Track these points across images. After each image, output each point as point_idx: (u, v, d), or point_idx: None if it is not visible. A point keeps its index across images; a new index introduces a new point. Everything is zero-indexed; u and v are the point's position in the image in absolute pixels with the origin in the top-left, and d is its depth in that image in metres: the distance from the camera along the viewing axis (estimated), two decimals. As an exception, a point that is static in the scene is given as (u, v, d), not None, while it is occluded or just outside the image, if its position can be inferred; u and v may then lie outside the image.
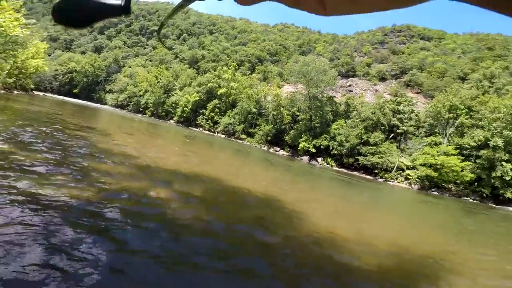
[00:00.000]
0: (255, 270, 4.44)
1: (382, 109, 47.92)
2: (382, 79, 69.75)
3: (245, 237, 5.81)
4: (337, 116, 51.19)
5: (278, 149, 51.66)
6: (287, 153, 50.45)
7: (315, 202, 12.08)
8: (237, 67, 79.59)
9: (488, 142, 37.34)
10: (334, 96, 57.17)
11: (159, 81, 78.45)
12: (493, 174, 36.25)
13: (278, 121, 52.42)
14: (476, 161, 38.36)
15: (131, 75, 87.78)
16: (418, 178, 40.51)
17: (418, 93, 59.30)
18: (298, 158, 47.73)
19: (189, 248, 4.59)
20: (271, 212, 8.16)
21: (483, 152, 37.58)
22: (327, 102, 51.55)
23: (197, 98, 66.00)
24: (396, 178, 42.67)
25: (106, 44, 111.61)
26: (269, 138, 52.06)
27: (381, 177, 43.01)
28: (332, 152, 46.92)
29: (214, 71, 71.97)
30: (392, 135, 46.90)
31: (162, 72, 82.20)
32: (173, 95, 74.21)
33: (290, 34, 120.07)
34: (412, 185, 41.04)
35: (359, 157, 45.10)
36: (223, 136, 57.99)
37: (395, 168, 42.79)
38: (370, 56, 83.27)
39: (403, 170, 42.82)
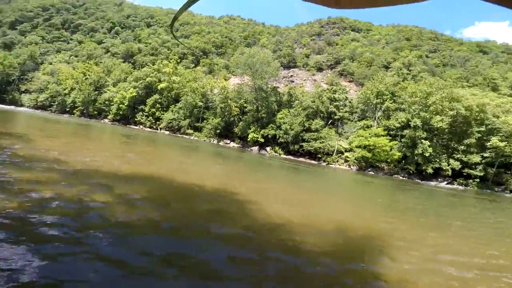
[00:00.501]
0: (211, 264, 4.25)
1: (320, 98, 51.06)
2: (320, 69, 74.31)
3: (199, 231, 5.58)
4: (281, 105, 53.00)
5: (228, 141, 51.42)
6: (238, 145, 50.57)
7: (266, 191, 12.24)
8: (179, 60, 75.89)
9: (409, 123, 42.88)
10: (278, 87, 58.93)
11: (87, 78, 70.24)
12: (416, 152, 41.75)
13: (226, 113, 51.98)
14: (401, 140, 43.73)
15: (53, 73, 76.77)
16: (355, 159, 44.44)
17: (350, 81, 64.83)
18: (249, 149, 48.28)
19: (136, 252, 4.16)
20: (225, 205, 8.03)
21: (406, 131, 43.04)
22: (271, 92, 52.89)
23: (134, 94, 61.11)
24: (337, 161, 46.18)
25: (18, 40, 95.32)
26: (218, 131, 51.38)
27: (324, 161, 46.10)
28: (279, 141, 48.60)
29: (153, 64, 67.37)
30: (330, 121, 50.51)
31: (90, 68, 73.73)
32: (105, 91, 67.33)
33: (236, 26, 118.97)
34: (351, 166, 44.94)
35: (303, 144, 47.61)
36: (167, 132, 54.99)
37: (335, 152, 46.25)
38: (309, 48, 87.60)
39: (342, 153, 46.55)
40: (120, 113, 62.03)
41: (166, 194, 8.16)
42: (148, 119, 59.52)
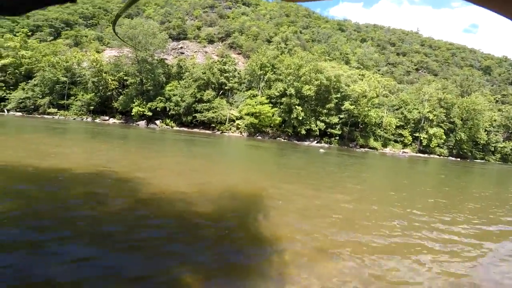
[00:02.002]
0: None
1: (211, 69, 51.82)
2: (211, 41, 74.33)
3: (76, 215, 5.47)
4: (170, 78, 51.33)
5: (106, 118, 46.89)
6: (120, 121, 46.84)
7: (158, 166, 11.67)
8: (30, 34, 61.57)
9: (286, 91, 48.91)
10: (166, 59, 56.22)
11: None
12: (292, 116, 48.38)
13: (101, 88, 46.76)
14: (280, 106, 49.68)
15: None
16: (245, 126, 48.26)
17: (239, 54, 67.80)
18: (134, 124, 45.40)
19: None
20: (105, 186, 7.61)
21: (283, 99, 49.03)
22: (158, 64, 50.20)
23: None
24: (230, 129, 49.09)
25: None
26: (91, 107, 46.04)
27: (218, 130, 48.28)
28: (170, 113, 47.66)
29: (-10, 40, 51.87)
30: (221, 91, 52.43)
31: None
32: None
33: None
34: (243, 133, 48.66)
35: (196, 114, 48.28)
36: (19, 114, 44.90)
37: (227, 120, 48.90)
38: (201, 20, 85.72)
39: (234, 121, 49.65)
40: None
41: (19, 181, 7.21)
42: (-13, 100, 46.19)
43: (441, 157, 55.97)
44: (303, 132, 48.98)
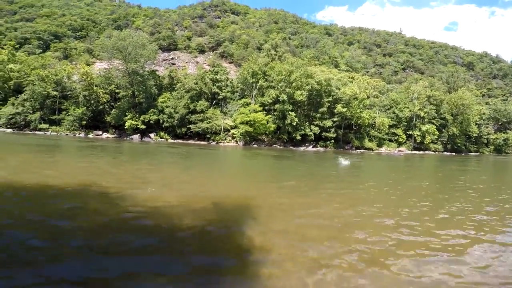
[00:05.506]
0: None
1: (203, 79, 51.82)
2: (202, 51, 74.76)
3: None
4: (162, 89, 51.17)
5: (100, 132, 46.51)
6: (113, 135, 46.48)
7: (146, 179, 11.64)
8: (18, 46, 61.25)
9: (278, 98, 49.10)
10: (157, 70, 56.12)
11: None
12: (286, 122, 48.46)
13: (92, 101, 46.44)
14: (274, 113, 49.80)
15: None
16: (240, 135, 48.11)
17: (230, 62, 68.28)
18: (128, 138, 44.97)
19: None
20: (91, 200, 7.76)
21: (277, 106, 49.21)
22: (149, 76, 50.02)
23: None
24: (225, 139, 48.83)
25: None
26: (84, 122, 45.70)
27: (213, 140, 47.98)
28: (163, 125, 47.32)
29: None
30: (214, 101, 52.39)
31: None
32: None
33: (102, 8, 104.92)
34: (238, 142, 48.45)
35: (190, 126, 48.00)
36: (9, 130, 44.26)
37: (222, 130, 48.72)
38: (191, 30, 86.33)
39: (229, 131, 49.46)
40: None
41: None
42: (-26, 116, 45.52)
43: (436, 152, 56.73)
44: (298, 137, 49.02)
